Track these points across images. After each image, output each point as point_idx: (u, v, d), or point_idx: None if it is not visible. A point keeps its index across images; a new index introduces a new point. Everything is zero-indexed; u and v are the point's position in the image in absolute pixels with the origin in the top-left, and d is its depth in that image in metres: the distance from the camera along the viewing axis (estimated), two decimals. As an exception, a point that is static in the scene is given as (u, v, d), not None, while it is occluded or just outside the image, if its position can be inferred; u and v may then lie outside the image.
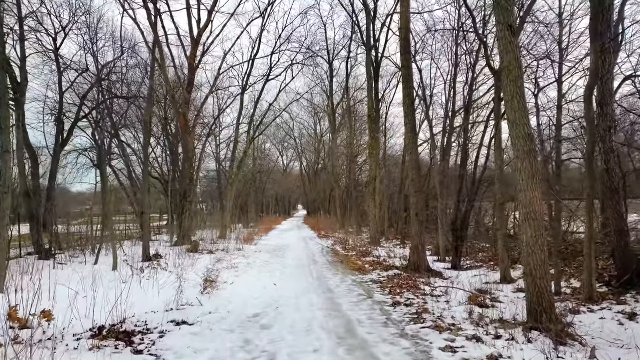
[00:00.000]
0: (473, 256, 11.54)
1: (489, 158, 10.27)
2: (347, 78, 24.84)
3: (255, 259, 13.30)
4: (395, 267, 9.97)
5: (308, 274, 9.87)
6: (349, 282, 8.54)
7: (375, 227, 16.61)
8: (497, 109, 8.01)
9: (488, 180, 10.83)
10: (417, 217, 9.30)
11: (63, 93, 19.52)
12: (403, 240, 16.84)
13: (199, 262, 11.27)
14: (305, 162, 55.07)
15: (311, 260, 12.72)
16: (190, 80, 17.51)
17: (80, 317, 5.62)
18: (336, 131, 29.53)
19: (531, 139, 4.95)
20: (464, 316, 5.50)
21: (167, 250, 13.75)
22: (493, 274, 9.17)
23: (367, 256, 12.67)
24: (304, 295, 7.41)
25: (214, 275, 8.94)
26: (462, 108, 12.79)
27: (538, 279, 4.81)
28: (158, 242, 18.18)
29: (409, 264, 9.59)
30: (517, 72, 4.98)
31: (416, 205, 9.30)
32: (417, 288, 7.54)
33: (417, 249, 9.28)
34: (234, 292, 7.76)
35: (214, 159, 33.69)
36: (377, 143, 17.52)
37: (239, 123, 22.38)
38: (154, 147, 26.01)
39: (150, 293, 7.25)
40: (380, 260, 11.63)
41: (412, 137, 9.40)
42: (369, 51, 16.94)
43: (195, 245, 14.86)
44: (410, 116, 9.47)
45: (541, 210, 4.93)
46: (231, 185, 22.97)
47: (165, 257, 12.31)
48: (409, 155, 9.39)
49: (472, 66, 10.82)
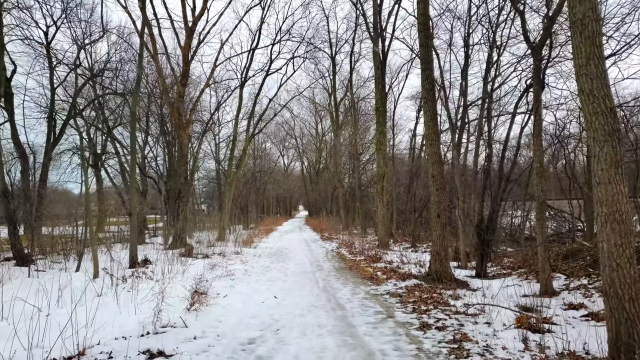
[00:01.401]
0: (497, 262, 10.32)
1: (520, 150, 9.06)
2: (351, 71, 23.66)
3: (254, 264, 12.11)
4: (413, 275, 8.75)
5: (313, 283, 8.66)
6: (362, 295, 7.33)
7: (384, 228, 15.39)
8: (537, 90, 6.80)
9: (517, 177, 9.61)
10: (438, 218, 8.09)
11: (54, 89, 18.45)
12: (414, 243, 15.61)
13: (191, 269, 10.07)
14: (307, 162, 53.99)
15: (315, 265, 11.52)
16: (184, 72, 16.31)
17: (32, 345, 4.44)
18: (339, 128, 28.32)
19: (614, 115, 3.74)
20: (518, 346, 4.28)
21: (159, 255, 12.51)
22: (528, 285, 7.94)
23: (377, 261, 11.46)
24: (310, 312, 6.21)
25: (205, 286, 7.73)
26: (480, 98, 11.56)
27: (626, 302, 3.59)
28: (152, 245, 16.97)
29: (429, 272, 8.37)
30: (594, 27, 3.76)
31: (438, 205, 8.09)
32: (446, 304, 6.32)
33: (439, 255, 8.07)
34: (227, 308, 6.56)
35: (213, 158, 32.59)
36: (385, 137, 16.31)
37: (237, 119, 21.21)
38: (152, 146, 24.96)
39: (126, 310, 6.05)
40: (393, 266, 10.42)
41: (433, 125, 8.19)
42: (376, 39, 15.73)
43: (189, 249, 13.67)
44: (430, 102, 8.27)
45: (627, 210, 3.72)
46: (229, 184, 21.77)
47: (155, 262, 11.12)
48: (428, 147, 8.17)
49: (498, 48, 9.59)
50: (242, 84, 20.47)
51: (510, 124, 9.39)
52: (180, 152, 16.67)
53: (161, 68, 15.67)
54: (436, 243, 8.12)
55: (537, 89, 6.79)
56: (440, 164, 8.19)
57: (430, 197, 8.23)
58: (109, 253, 12.59)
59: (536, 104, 6.75)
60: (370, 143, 32.74)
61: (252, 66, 20.33)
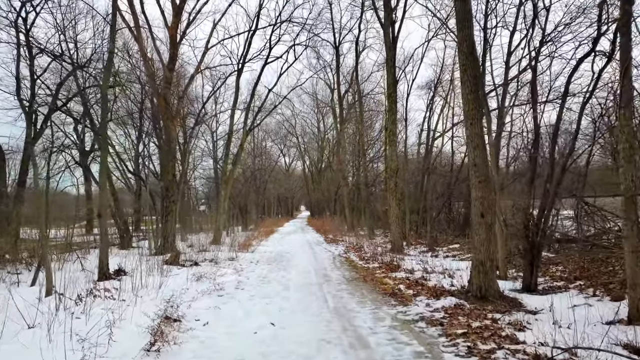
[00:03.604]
0: (543, 271, 8.48)
1: (579, 132, 7.22)
2: (357, 59, 21.83)
3: (249, 273, 10.31)
4: (447, 290, 6.93)
5: (321, 301, 6.85)
6: (388, 322, 5.50)
7: (398, 230, 13.56)
8: (625, 51, 4.97)
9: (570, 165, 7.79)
10: (482, 218, 6.26)
11: (35, 80, 16.73)
12: (432, 247, 13.77)
13: (171, 282, 8.27)
14: (308, 161, 52.19)
15: (322, 275, 9.70)
16: (172, 55, 14.50)
17: None
18: (343, 122, 26.49)
19: None
20: None
21: (141, 262, 10.54)
22: (599, 304, 6.11)
23: (395, 270, 9.63)
24: (320, 352, 4.39)
25: (180, 310, 5.93)
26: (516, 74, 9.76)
27: None
28: (138, 250, 15.07)
29: (469, 286, 6.55)
30: None
31: (482, 202, 6.26)
32: (511, 339, 4.50)
33: (484, 265, 6.24)
34: (205, 345, 4.75)
35: (211, 157, 30.78)
36: (396, 127, 14.48)
37: (234, 111, 19.41)
38: (147, 143, 23.28)
39: (51, 356, 4.22)
40: (417, 277, 8.60)
41: (474, 99, 6.38)
42: (388, 14, 13.91)
43: (175, 255, 11.85)
44: (470, 69, 6.44)
45: None
46: (225, 182, 19.96)
47: (131, 272, 9.30)
48: (468, 128, 6.35)
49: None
50: (239, 70, 18.66)
51: (562, 102, 7.56)
52: (167, 145, 14.87)
53: (145, 48, 13.89)
54: (479, 250, 6.29)
55: (624, 49, 4.95)
56: (484, 148, 6.36)
57: (472, 191, 6.40)
58: (80, 261, 10.81)
59: (625, 62, 4.91)
60: (375, 140, 30.93)
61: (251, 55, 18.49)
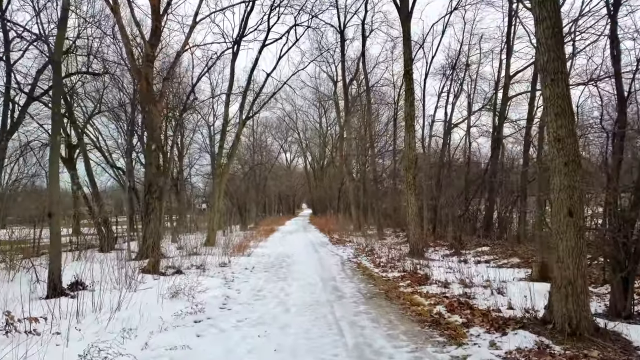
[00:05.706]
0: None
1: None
2: (364, 41, 19.88)
3: (241, 284, 8.37)
4: (512, 319, 4.96)
5: (335, 334, 4.88)
6: (444, 379, 3.56)
7: (418, 230, 11.59)
8: None
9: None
10: (571, 217, 4.29)
11: (12, 65, 14.83)
12: (457, 250, 11.80)
13: (138, 300, 6.30)
14: (310, 157, 50.20)
15: (331, 289, 7.73)
16: (154, 29, 12.52)
17: None
18: (349, 113, 24.47)
19: None
20: None
21: (112, 270, 8.52)
22: None
23: (424, 282, 7.66)
24: None
25: (130, 349, 3.99)
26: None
27: None
28: (117, 254, 13.07)
29: (548, 315, 4.58)
30: None
31: (570, 194, 4.30)
32: None
33: (573, 286, 4.27)
34: None
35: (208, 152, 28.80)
36: (414, 110, 12.48)
37: (229, 96, 17.45)
38: (141, 135, 21.34)
39: None
40: (455, 292, 6.64)
41: (555, 44, 4.40)
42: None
43: (155, 262, 9.92)
44: (550, 4, 4.49)
45: None
46: (220, 177, 18.02)
47: (93, 286, 7.37)
48: (549, 87, 4.36)
49: None
50: (235, 53, 16.70)
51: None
52: (150, 133, 12.91)
53: (122, 20, 11.92)
54: (566, 264, 4.32)
55: None
56: (572, 116, 4.38)
57: (553, 177, 4.41)
58: (35, 270, 8.87)
59: None
60: (381, 133, 28.90)
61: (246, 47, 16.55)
